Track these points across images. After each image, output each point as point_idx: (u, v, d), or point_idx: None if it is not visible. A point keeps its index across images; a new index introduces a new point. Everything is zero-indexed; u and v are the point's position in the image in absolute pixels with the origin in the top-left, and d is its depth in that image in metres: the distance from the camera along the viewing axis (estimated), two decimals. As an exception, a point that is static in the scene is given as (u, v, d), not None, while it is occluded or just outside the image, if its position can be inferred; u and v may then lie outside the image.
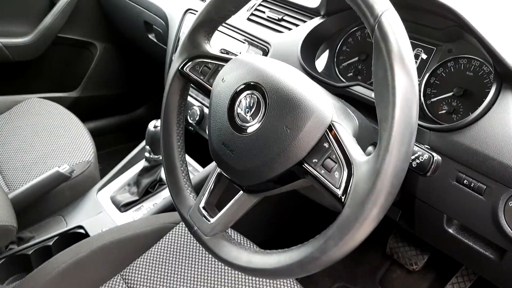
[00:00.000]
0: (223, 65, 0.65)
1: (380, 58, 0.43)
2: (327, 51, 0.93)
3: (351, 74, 0.89)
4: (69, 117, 1.33)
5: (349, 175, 0.46)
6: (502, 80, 0.63)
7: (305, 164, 0.50)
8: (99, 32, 1.80)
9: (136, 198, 1.07)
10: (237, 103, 0.57)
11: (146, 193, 1.09)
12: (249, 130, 0.54)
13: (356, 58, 0.88)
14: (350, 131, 0.53)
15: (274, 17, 0.97)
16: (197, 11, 1.13)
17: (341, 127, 0.50)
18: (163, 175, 1.13)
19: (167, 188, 1.12)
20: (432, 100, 0.76)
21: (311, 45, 0.89)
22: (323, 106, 0.50)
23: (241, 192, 0.60)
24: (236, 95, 0.57)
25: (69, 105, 1.80)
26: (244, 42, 0.99)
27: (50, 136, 1.23)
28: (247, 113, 0.55)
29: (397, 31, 0.43)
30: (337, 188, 0.47)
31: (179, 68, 0.69)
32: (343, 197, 0.46)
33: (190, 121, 1.13)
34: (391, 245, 1.31)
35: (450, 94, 0.73)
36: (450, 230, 0.72)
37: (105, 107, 1.97)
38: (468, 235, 0.71)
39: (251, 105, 0.55)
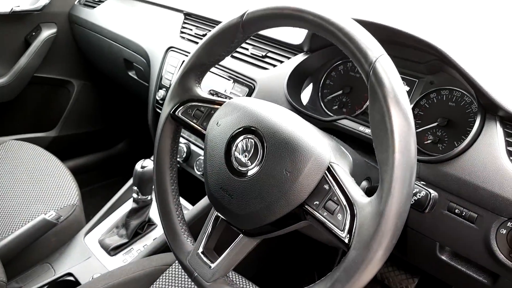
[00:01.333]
0: (216, 108, 0.66)
1: (377, 102, 0.45)
2: (311, 85, 0.95)
3: (336, 107, 0.91)
4: (49, 159, 1.30)
5: (352, 217, 0.47)
6: (486, 111, 0.66)
7: (306, 206, 0.51)
8: (76, 70, 1.79)
9: (126, 240, 1.05)
10: (233, 147, 0.57)
11: (135, 234, 1.07)
12: (248, 174, 0.55)
13: (340, 92, 0.90)
14: (347, 170, 0.55)
15: (258, 54, 0.99)
16: (179, 49, 1.16)
17: (339, 168, 0.51)
18: (151, 215, 1.11)
19: (156, 229, 1.11)
20: (417, 130, 0.79)
21: (296, 81, 0.92)
22: (321, 148, 0.52)
23: (241, 235, 0.60)
24: (232, 139, 0.58)
25: (47, 145, 1.77)
26: (229, 79, 1.01)
27: (32, 180, 1.19)
28: (245, 157, 0.56)
29: (391, 76, 0.45)
30: (341, 231, 0.48)
31: (171, 112, 0.70)
32: (347, 240, 0.47)
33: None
34: (381, 270, 1.32)
35: (435, 124, 0.76)
36: (443, 257, 0.73)
37: (84, 145, 1.93)
38: (461, 261, 0.72)
39: (249, 149, 0.56)
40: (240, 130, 0.57)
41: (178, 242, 0.67)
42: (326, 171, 0.50)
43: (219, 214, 0.63)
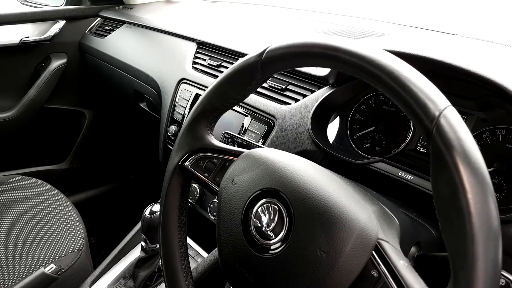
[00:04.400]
0: (231, 160, 0.55)
1: (444, 172, 0.34)
2: (337, 119, 0.84)
3: (368, 145, 0.80)
4: (57, 197, 1.22)
5: None
6: None
7: None
8: (87, 100, 1.74)
9: (133, 294, 0.94)
10: (253, 213, 0.47)
11: (144, 286, 0.96)
12: (272, 250, 0.44)
13: (373, 128, 0.79)
14: (398, 245, 0.43)
15: (277, 86, 0.89)
16: (191, 81, 1.07)
17: (390, 247, 0.40)
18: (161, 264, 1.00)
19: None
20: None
21: (321, 117, 0.81)
22: (366, 220, 0.40)
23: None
24: (251, 203, 0.47)
25: (57, 177, 1.70)
26: (246, 115, 0.91)
27: (37, 221, 1.11)
28: (267, 226, 0.45)
29: (462, 136, 0.34)
30: None
31: (179, 163, 0.60)
32: None
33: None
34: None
35: (490, 169, 0.64)
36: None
37: (94, 176, 1.86)
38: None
39: (271, 217, 0.45)
40: (260, 192, 0.47)
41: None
42: (373, 252, 0.39)
43: (235, 290, 0.52)
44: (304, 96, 0.85)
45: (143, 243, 0.94)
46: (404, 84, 0.36)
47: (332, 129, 0.83)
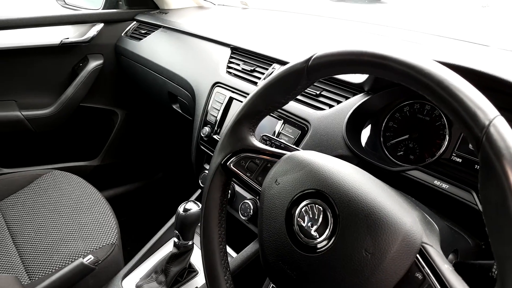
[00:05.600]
0: (273, 161, 0.58)
1: (494, 180, 0.35)
2: (370, 126, 0.86)
3: (401, 153, 0.81)
4: (91, 192, 1.27)
5: None
6: None
7: None
8: (120, 100, 1.80)
9: (165, 288, 0.98)
10: (296, 213, 0.49)
11: (175, 282, 0.99)
12: (316, 249, 0.46)
13: (407, 136, 0.80)
14: (440, 250, 0.44)
15: (311, 92, 0.91)
16: (225, 85, 1.11)
17: (434, 251, 0.41)
18: (192, 261, 1.03)
19: (198, 277, 1.03)
20: None
21: (355, 123, 0.83)
22: (411, 224, 0.42)
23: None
24: (294, 203, 0.50)
25: (89, 173, 1.76)
26: (279, 119, 0.93)
27: (72, 214, 1.16)
28: (311, 226, 0.47)
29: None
30: None
31: (221, 162, 0.63)
32: None
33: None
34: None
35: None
36: None
37: (124, 174, 1.92)
38: None
39: (316, 217, 0.47)
40: (303, 193, 0.49)
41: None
42: (417, 255, 0.41)
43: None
44: (338, 102, 0.87)
45: (175, 239, 0.97)
46: (454, 93, 0.38)
47: (364, 137, 0.85)
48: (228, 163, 0.62)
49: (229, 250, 1.09)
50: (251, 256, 0.99)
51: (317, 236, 0.46)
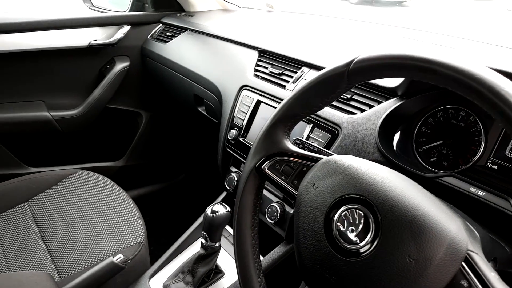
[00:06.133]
0: (309, 165, 0.58)
1: None
2: (402, 131, 0.85)
3: (434, 159, 0.80)
4: (117, 192, 1.28)
5: None
6: None
7: None
8: (145, 102, 1.82)
9: (192, 289, 0.99)
10: (335, 217, 0.49)
11: (201, 283, 1.00)
12: (356, 255, 0.46)
13: (440, 142, 0.79)
14: (484, 257, 0.44)
15: (342, 96, 0.91)
16: (253, 88, 1.11)
17: (480, 259, 0.41)
18: (219, 262, 1.04)
19: (224, 278, 1.03)
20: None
21: (388, 128, 0.82)
22: (456, 230, 0.42)
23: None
24: (333, 207, 0.50)
25: (114, 174, 1.79)
26: (308, 123, 0.93)
27: (100, 212, 1.18)
28: (352, 232, 0.47)
29: None
30: None
31: (256, 165, 0.63)
32: None
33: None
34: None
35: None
36: None
37: (147, 175, 1.94)
38: None
39: (356, 222, 0.47)
40: (344, 197, 0.49)
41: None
42: (463, 263, 0.40)
43: (312, 291, 0.54)
44: (370, 106, 0.86)
45: (203, 241, 0.98)
46: (506, 99, 0.37)
47: (397, 141, 0.84)
48: (262, 166, 0.62)
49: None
50: (277, 260, 0.99)
51: (358, 242, 0.46)
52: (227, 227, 1.18)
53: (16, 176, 1.32)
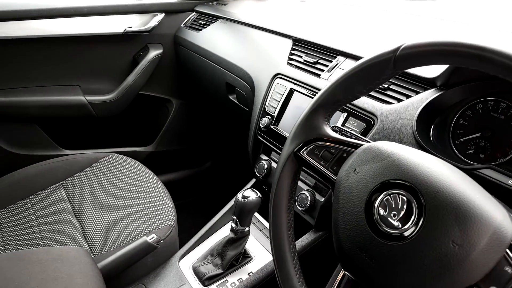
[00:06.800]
0: (349, 151, 0.58)
1: None
2: (438, 122, 0.84)
3: (471, 151, 0.79)
4: (148, 175, 1.31)
5: None
6: None
7: None
8: (176, 90, 1.85)
9: (221, 271, 1.01)
10: (376, 202, 0.50)
11: (230, 266, 1.02)
12: (398, 239, 0.46)
13: (478, 134, 0.78)
14: None
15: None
16: (286, 76, 1.12)
17: None
18: (247, 247, 1.06)
19: (252, 263, 1.05)
20: None
21: (425, 119, 0.81)
22: (501, 218, 0.42)
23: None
24: (374, 192, 0.50)
25: (143, 159, 1.83)
26: (342, 112, 0.93)
27: (132, 195, 1.22)
28: (394, 216, 0.48)
29: None
30: None
31: (294, 150, 0.64)
32: None
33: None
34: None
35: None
36: None
37: (175, 161, 1.98)
38: None
39: (399, 207, 0.47)
40: (386, 183, 0.50)
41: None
42: (507, 250, 0.40)
43: (348, 274, 0.55)
44: (407, 96, 0.85)
45: (233, 225, 1.00)
46: None
47: (433, 132, 0.83)
48: (301, 151, 0.63)
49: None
50: (306, 246, 1.00)
51: (400, 226, 0.46)
52: (256, 214, 1.19)
53: (51, 158, 1.37)
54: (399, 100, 0.86)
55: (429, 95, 0.81)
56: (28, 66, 1.57)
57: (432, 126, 0.84)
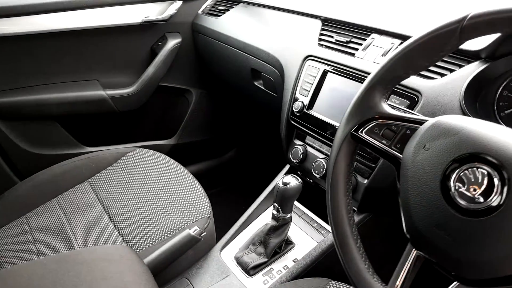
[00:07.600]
0: (413, 127, 0.56)
1: None
2: (483, 95, 0.81)
3: (518, 123, 0.77)
4: (176, 168, 1.29)
5: None
6: None
7: None
8: (195, 79, 1.82)
9: (265, 259, 1.00)
10: (453, 177, 0.48)
11: (274, 253, 1.01)
12: (481, 214, 0.44)
13: (526, 106, 0.76)
14: None
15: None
16: (318, 57, 1.09)
17: None
18: (289, 233, 1.04)
19: (295, 249, 1.04)
20: None
21: (472, 93, 0.79)
22: None
23: (456, 283, 0.50)
24: (450, 167, 0.48)
25: (167, 152, 1.81)
26: (383, 90, 0.91)
27: (163, 188, 1.20)
28: (474, 191, 0.46)
29: None
30: None
31: (352, 131, 0.62)
32: None
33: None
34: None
35: None
36: None
37: (198, 152, 1.97)
38: None
39: (479, 181, 0.46)
40: (462, 157, 0.48)
41: (365, 282, 0.59)
42: None
43: (422, 254, 0.53)
44: (451, 70, 0.83)
45: (274, 212, 0.99)
46: None
47: (478, 105, 0.81)
48: (359, 132, 0.61)
49: (322, 223, 1.10)
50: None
51: (481, 200, 0.45)
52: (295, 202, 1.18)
53: (73, 156, 1.34)
54: (442, 75, 0.83)
55: (474, 68, 0.78)
56: (44, 62, 1.52)
57: (478, 100, 0.81)
